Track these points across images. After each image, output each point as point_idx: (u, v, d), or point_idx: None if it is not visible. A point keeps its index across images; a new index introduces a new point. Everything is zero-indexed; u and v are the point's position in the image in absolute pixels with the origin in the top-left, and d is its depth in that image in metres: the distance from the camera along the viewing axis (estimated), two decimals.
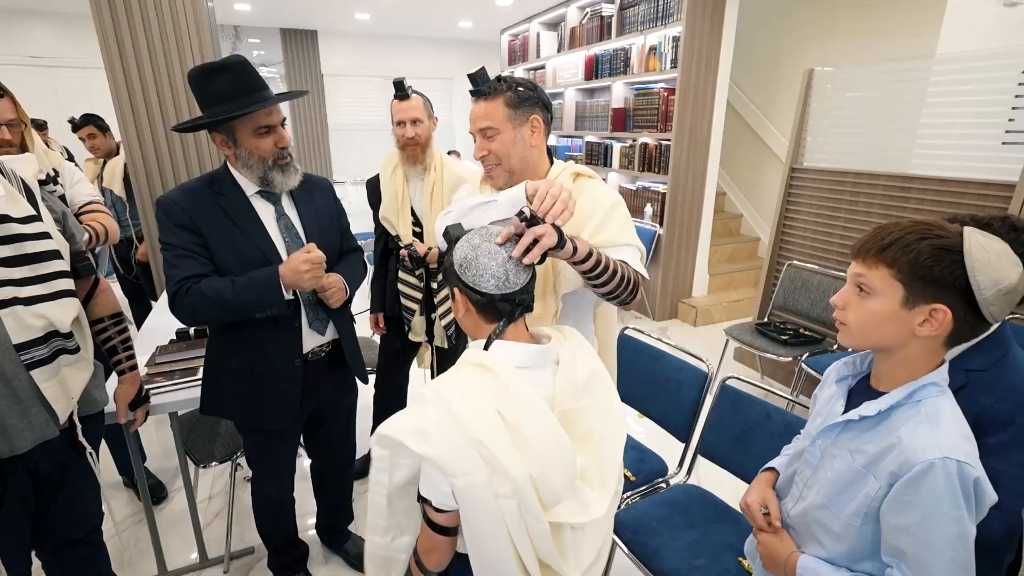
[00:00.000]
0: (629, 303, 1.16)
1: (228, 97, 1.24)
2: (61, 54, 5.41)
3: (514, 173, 1.22)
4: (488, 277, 0.86)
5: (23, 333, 1.06)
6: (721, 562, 1.36)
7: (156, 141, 2.83)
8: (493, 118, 1.16)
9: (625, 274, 1.09)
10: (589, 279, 1.06)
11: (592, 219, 1.17)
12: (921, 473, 0.73)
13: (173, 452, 2.46)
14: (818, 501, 0.89)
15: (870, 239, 0.82)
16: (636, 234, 1.23)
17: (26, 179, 1.16)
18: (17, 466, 1.13)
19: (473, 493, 0.76)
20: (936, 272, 0.75)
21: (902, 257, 0.77)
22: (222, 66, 1.23)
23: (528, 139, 1.19)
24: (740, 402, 1.57)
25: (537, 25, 5.25)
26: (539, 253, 0.89)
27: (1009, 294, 0.75)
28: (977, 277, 0.74)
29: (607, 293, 1.10)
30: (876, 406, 0.82)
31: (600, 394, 0.90)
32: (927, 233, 0.77)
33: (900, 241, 0.78)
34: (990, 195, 2.18)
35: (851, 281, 0.85)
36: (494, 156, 1.19)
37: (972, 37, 2.60)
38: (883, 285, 0.79)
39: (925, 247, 0.76)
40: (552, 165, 1.27)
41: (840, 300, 0.86)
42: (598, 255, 1.03)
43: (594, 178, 1.27)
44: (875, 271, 0.80)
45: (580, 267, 1.03)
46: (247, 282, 1.28)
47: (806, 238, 2.97)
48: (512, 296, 0.87)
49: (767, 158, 4.69)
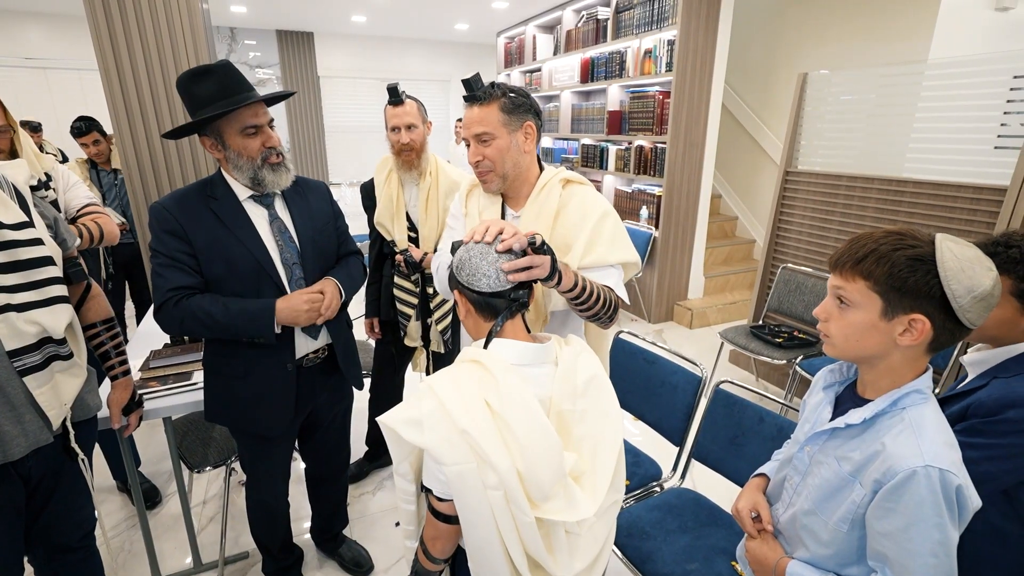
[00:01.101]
0: (608, 324, 1.23)
1: (214, 99, 1.25)
2: (55, 55, 5.39)
3: (507, 178, 1.24)
4: (480, 276, 0.91)
5: (16, 340, 1.06)
6: (714, 566, 1.36)
7: (151, 143, 2.82)
8: (489, 123, 1.17)
9: (607, 299, 1.16)
10: (573, 304, 1.13)
11: (583, 231, 1.20)
12: (904, 481, 0.74)
13: (167, 456, 2.46)
14: (807, 507, 0.90)
15: (845, 252, 0.83)
16: (628, 242, 1.26)
17: (17, 185, 1.16)
18: (10, 472, 1.13)
19: (462, 482, 0.80)
20: (911, 283, 0.76)
21: (878, 269, 0.78)
22: (206, 70, 1.24)
23: (522, 145, 1.22)
24: (734, 406, 1.58)
25: (533, 28, 5.27)
26: (525, 277, 0.94)
27: (984, 300, 0.75)
28: (951, 286, 0.74)
29: (589, 316, 1.17)
30: (861, 414, 0.83)
31: (598, 398, 0.92)
32: (900, 244, 0.78)
33: (874, 253, 0.78)
34: (982, 199, 2.20)
35: (831, 293, 0.86)
36: (488, 161, 1.21)
37: (964, 42, 2.62)
38: (861, 297, 0.80)
39: (899, 258, 0.77)
40: (543, 171, 1.29)
41: (822, 312, 0.87)
42: (583, 284, 1.09)
43: (584, 184, 1.29)
44: (853, 283, 0.81)
45: (567, 295, 1.09)
46: (240, 311, 1.30)
47: (801, 241, 2.99)
48: (504, 293, 0.92)
49: (762, 161, 4.71)
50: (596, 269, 1.21)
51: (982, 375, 1.04)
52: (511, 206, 1.32)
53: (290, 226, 1.42)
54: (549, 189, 1.25)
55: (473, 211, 1.34)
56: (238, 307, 1.30)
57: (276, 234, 1.39)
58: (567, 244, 1.22)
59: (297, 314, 1.33)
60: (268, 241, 1.38)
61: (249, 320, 1.30)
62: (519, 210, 1.29)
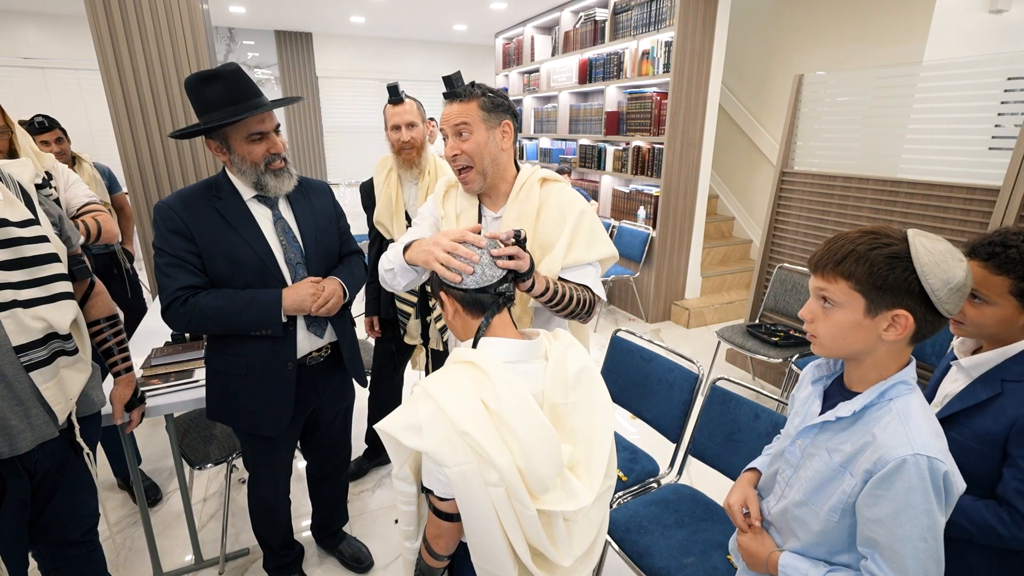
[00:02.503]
0: (585, 320, 1.28)
1: (221, 104, 1.26)
2: (54, 55, 5.40)
3: (487, 176, 1.25)
4: (465, 274, 0.94)
5: (22, 335, 1.08)
6: (710, 560, 1.38)
7: (151, 143, 2.84)
8: (468, 116, 1.19)
9: (580, 299, 1.20)
10: (547, 306, 1.17)
11: (564, 231, 1.23)
12: (894, 469, 0.77)
13: (168, 454, 2.47)
14: (799, 499, 0.92)
15: (824, 253, 0.86)
16: (604, 237, 1.29)
17: (23, 183, 1.17)
18: (16, 466, 1.15)
19: (464, 482, 0.81)
20: (891, 280, 0.78)
21: (858, 269, 0.80)
22: (215, 74, 1.25)
23: (500, 142, 1.23)
24: (730, 403, 1.60)
25: (531, 29, 5.29)
26: (510, 265, 0.97)
27: (960, 290, 0.78)
28: (929, 280, 0.77)
29: (564, 315, 1.21)
30: (850, 407, 0.86)
31: (588, 390, 0.94)
32: (876, 243, 0.81)
33: (853, 253, 0.81)
34: (975, 199, 2.23)
35: (814, 295, 0.89)
36: (466, 156, 1.22)
37: (958, 43, 2.64)
38: (845, 297, 0.83)
39: (877, 257, 0.79)
40: (519, 171, 1.31)
41: (808, 314, 0.90)
42: (554, 288, 1.13)
43: (560, 182, 1.31)
44: (835, 284, 0.84)
45: (539, 299, 1.13)
46: (248, 304, 1.32)
47: (797, 241, 3.01)
48: (489, 288, 0.93)
49: (759, 161, 4.74)
50: (575, 268, 1.24)
51: (982, 379, 1.04)
52: (489, 207, 1.32)
53: (294, 226, 1.44)
54: (528, 188, 1.27)
55: (450, 213, 1.34)
56: (245, 299, 1.32)
57: (280, 234, 1.41)
58: (550, 242, 1.24)
59: (303, 298, 1.36)
60: (272, 241, 1.39)
61: (256, 312, 1.33)
62: (499, 211, 1.30)
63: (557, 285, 1.15)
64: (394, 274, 1.29)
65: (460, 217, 1.33)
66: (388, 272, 1.31)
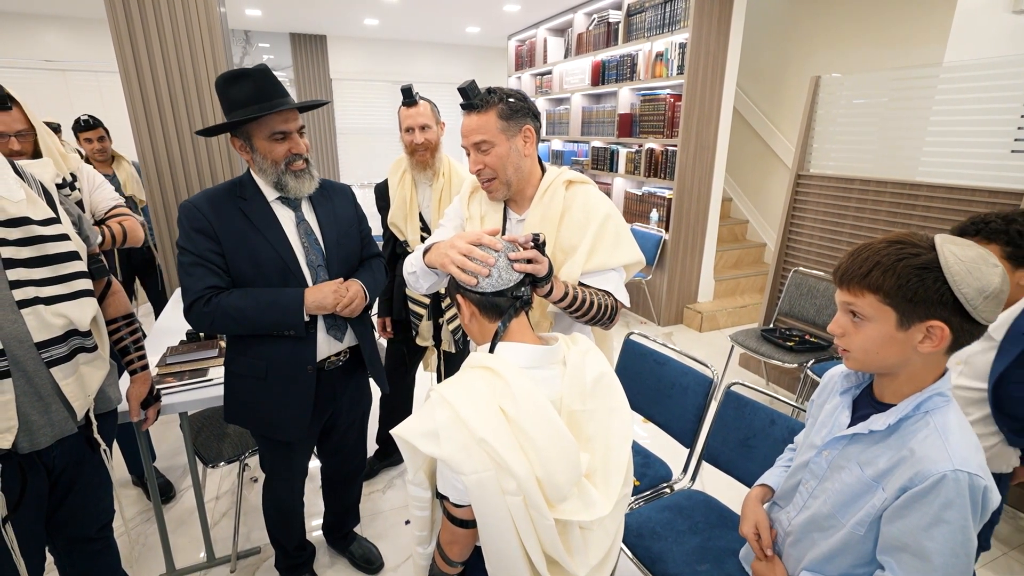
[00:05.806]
0: (608, 327, 1.25)
1: (248, 103, 1.28)
2: (74, 57, 5.49)
3: (511, 185, 1.24)
4: (482, 277, 0.93)
5: (44, 331, 1.09)
6: (724, 568, 1.36)
7: (169, 145, 2.87)
8: (487, 131, 1.18)
9: (602, 305, 1.18)
10: (567, 312, 1.15)
11: (587, 234, 1.21)
12: (933, 485, 0.74)
13: (181, 451, 2.49)
14: (824, 511, 0.90)
15: (849, 266, 0.82)
16: (631, 241, 1.27)
17: (44, 182, 1.19)
18: (35, 462, 1.16)
19: (481, 489, 0.79)
20: (922, 292, 0.75)
21: (886, 282, 0.77)
22: (244, 73, 1.27)
23: (521, 149, 1.22)
24: (744, 408, 1.58)
25: (544, 31, 5.29)
26: (528, 269, 0.96)
27: (996, 297, 0.75)
28: (962, 290, 0.74)
29: (585, 322, 1.19)
30: (885, 420, 0.83)
31: (607, 397, 0.92)
32: (902, 253, 0.77)
33: (879, 265, 0.78)
34: (998, 203, 2.18)
35: (842, 309, 0.85)
36: (489, 170, 1.21)
37: (980, 45, 2.59)
38: (874, 311, 0.80)
39: (904, 268, 0.76)
40: (545, 173, 1.29)
41: (837, 328, 0.86)
42: (574, 294, 1.11)
43: (587, 183, 1.29)
44: (863, 298, 0.80)
45: (558, 304, 1.12)
46: (271, 303, 1.33)
47: (812, 244, 2.97)
48: (506, 291, 0.93)
49: (773, 164, 4.69)
50: (598, 273, 1.22)
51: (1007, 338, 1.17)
52: (514, 209, 1.32)
53: (316, 229, 1.45)
54: (553, 191, 1.25)
55: (475, 214, 1.34)
56: (268, 299, 1.33)
57: (302, 236, 1.42)
58: (572, 246, 1.23)
59: (325, 296, 1.36)
60: (295, 243, 1.40)
61: (280, 312, 1.33)
62: (523, 213, 1.30)
63: (577, 290, 1.13)
64: (416, 277, 1.29)
65: (485, 219, 1.33)
66: (411, 275, 1.31)
